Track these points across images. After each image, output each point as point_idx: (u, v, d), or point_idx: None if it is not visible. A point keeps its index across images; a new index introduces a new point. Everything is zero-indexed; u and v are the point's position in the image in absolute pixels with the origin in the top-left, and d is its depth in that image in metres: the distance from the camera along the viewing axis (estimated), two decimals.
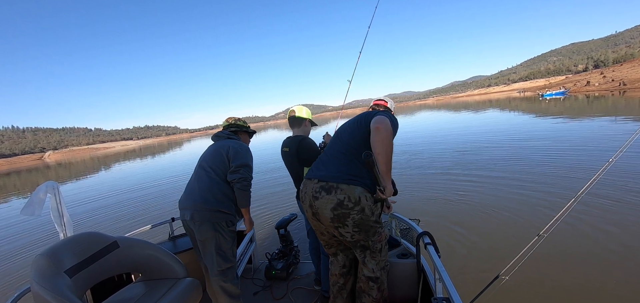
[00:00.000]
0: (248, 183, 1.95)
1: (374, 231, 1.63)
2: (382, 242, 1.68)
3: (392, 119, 1.66)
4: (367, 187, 1.56)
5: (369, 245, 1.65)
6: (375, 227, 1.63)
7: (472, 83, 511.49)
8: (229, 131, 2.16)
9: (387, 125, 1.52)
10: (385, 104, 2.05)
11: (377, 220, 1.65)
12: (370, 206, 1.57)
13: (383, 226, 1.71)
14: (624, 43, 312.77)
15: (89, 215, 7.64)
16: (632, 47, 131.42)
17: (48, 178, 24.67)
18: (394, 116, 1.80)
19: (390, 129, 1.52)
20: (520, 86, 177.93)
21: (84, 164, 37.75)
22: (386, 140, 1.49)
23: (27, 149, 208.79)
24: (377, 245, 1.67)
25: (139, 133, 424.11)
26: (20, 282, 4.27)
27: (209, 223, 1.83)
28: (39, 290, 1.34)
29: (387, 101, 2.07)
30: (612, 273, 2.79)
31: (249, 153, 2.05)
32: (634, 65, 57.43)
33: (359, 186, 1.54)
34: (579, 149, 7.63)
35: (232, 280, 1.93)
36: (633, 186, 4.66)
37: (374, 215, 1.61)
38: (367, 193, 1.55)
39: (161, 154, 33.11)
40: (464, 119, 21.53)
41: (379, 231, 1.66)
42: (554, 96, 41.10)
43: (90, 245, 1.68)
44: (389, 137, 1.51)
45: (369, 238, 1.63)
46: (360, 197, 1.52)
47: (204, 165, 1.99)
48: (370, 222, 1.59)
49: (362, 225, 1.57)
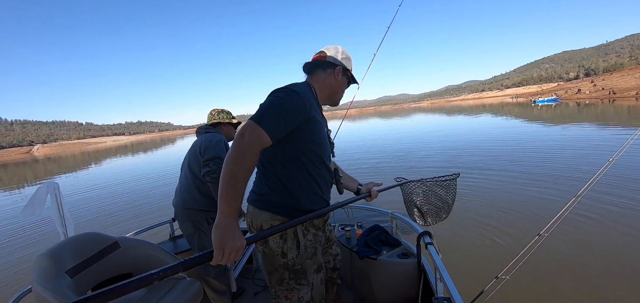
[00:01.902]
0: (217, 176, 1.81)
1: (278, 278, 1.18)
2: (292, 301, 1.19)
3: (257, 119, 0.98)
4: (280, 215, 1.14)
5: (272, 294, 1.24)
6: (282, 274, 1.17)
7: (466, 87, 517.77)
8: (207, 125, 2.10)
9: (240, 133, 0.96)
10: (324, 57, 1.30)
11: (291, 267, 1.16)
12: (278, 241, 1.15)
13: (309, 284, 1.21)
14: (614, 53, 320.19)
15: (89, 215, 7.50)
16: (622, 57, 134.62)
17: (36, 172, 24.22)
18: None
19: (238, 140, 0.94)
20: (513, 92, 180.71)
21: (74, 159, 37.09)
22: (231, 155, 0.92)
23: (15, 142, 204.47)
24: (282, 301, 1.20)
25: (131, 128, 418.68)
26: (21, 282, 4.18)
27: (189, 222, 1.87)
28: (40, 290, 1.33)
29: (326, 53, 1.31)
30: (612, 273, 2.82)
31: (221, 145, 1.93)
32: (624, 74, 58.81)
33: (265, 212, 1.15)
34: (578, 151, 7.81)
35: (216, 277, 1.94)
36: (633, 186, 4.76)
37: (287, 258, 1.16)
38: (275, 221, 1.13)
39: (155, 150, 32.73)
40: (460, 122, 21.77)
41: (290, 284, 1.17)
42: (546, 103, 41.88)
43: (91, 245, 1.66)
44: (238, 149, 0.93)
45: (272, 284, 1.21)
46: (262, 224, 1.15)
47: (184, 165, 2.01)
48: (275, 264, 1.17)
49: (265, 262, 1.20)
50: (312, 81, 1.29)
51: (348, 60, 1.34)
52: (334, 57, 1.30)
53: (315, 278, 1.24)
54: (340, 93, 1.37)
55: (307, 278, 1.20)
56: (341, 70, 1.31)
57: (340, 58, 1.31)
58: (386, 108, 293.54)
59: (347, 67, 1.33)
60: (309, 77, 1.32)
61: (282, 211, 1.14)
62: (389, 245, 2.09)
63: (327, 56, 1.30)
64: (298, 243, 1.17)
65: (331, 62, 1.29)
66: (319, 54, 1.32)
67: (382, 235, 2.16)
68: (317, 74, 1.30)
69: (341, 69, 1.31)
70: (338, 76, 1.30)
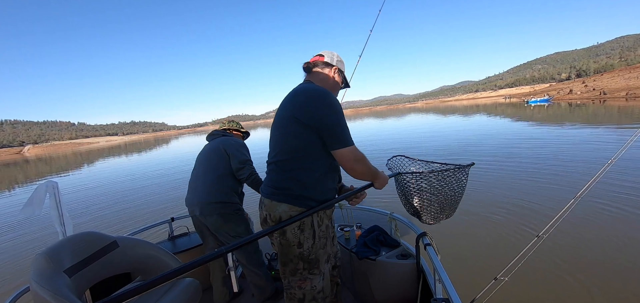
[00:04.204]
0: (255, 176, 2.08)
1: (292, 269, 1.26)
2: (305, 291, 1.26)
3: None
4: (298, 205, 1.22)
5: (285, 285, 1.31)
6: (296, 264, 1.25)
7: (460, 88, 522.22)
8: (222, 130, 2.32)
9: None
10: (322, 59, 1.44)
11: (306, 256, 1.25)
12: (296, 232, 1.22)
13: (321, 274, 1.30)
14: (605, 54, 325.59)
15: (89, 215, 7.39)
16: (612, 58, 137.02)
17: (27, 173, 23.78)
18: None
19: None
20: (506, 92, 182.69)
21: (67, 159, 36.50)
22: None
23: (5, 142, 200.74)
24: (296, 291, 1.27)
25: (125, 129, 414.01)
26: (20, 281, 4.11)
27: (217, 215, 1.98)
28: (38, 289, 1.31)
29: (324, 56, 1.44)
30: (612, 273, 2.83)
31: (244, 147, 2.20)
32: (614, 75, 59.91)
33: (283, 204, 1.22)
34: (576, 152, 7.85)
35: (256, 266, 2.16)
36: (632, 187, 4.79)
37: (303, 248, 1.23)
38: (294, 212, 1.21)
39: (149, 150, 32.37)
40: (455, 122, 21.89)
41: (303, 274, 1.26)
42: (539, 103, 42.43)
43: (90, 245, 1.65)
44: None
45: (286, 275, 1.29)
46: (281, 216, 1.22)
47: (204, 163, 2.13)
48: (291, 254, 1.24)
49: (281, 253, 1.27)
50: (312, 78, 1.43)
51: (342, 63, 1.50)
52: (330, 59, 1.45)
53: (326, 267, 1.35)
54: (336, 91, 1.50)
55: (320, 268, 1.30)
56: (337, 69, 1.46)
57: (335, 61, 1.46)
58: (381, 108, 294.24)
59: (342, 70, 1.49)
60: (308, 75, 1.45)
61: (300, 203, 1.22)
62: (388, 245, 2.09)
63: (325, 57, 1.45)
64: (314, 233, 1.26)
65: (328, 63, 1.44)
66: (318, 56, 1.47)
67: (381, 236, 2.16)
68: (316, 72, 1.44)
69: (337, 69, 1.46)
70: (335, 75, 1.45)
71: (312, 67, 1.44)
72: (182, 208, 6.62)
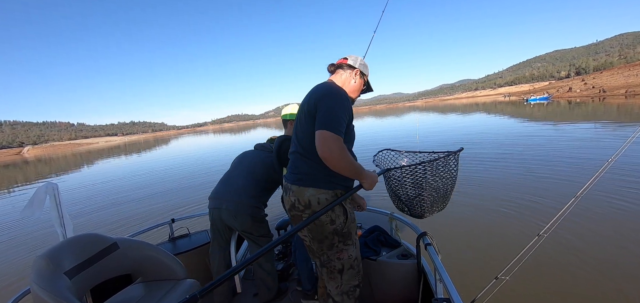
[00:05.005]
0: None
1: (329, 244, 1.40)
2: (343, 261, 1.43)
3: (337, 111, 1.30)
4: (324, 188, 1.35)
5: (324, 261, 1.45)
6: (332, 239, 1.40)
7: (460, 86, 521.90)
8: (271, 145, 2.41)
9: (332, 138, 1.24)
10: (345, 61, 1.57)
11: (340, 231, 1.40)
12: (328, 212, 1.34)
13: (353, 243, 1.46)
14: (604, 52, 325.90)
15: (89, 216, 7.38)
16: (612, 56, 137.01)
17: (26, 174, 23.76)
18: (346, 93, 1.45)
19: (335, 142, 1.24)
20: (506, 90, 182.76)
21: (66, 160, 36.48)
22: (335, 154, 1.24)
23: (5, 143, 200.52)
24: (336, 263, 1.43)
25: (125, 129, 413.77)
26: (21, 283, 4.11)
27: (248, 215, 2.07)
28: (39, 291, 1.31)
29: (348, 58, 1.57)
30: (612, 273, 2.83)
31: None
32: (613, 73, 59.94)
33: (310, 188, 1.36)
34: (576, 150, 7.87)
35: (266, 260, 2.23)
36: (633, 186, 4.80)
37: (335, 224, 1.38)
38: (321, 195, 1.35)
39: (148, 151, 32.34)
40: (456, 121, 21.95)
41: (339, 247, 1.42)
42: (538, 101, 42.43)
43: (90, 247, 1.64)
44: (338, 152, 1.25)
45: (323, 251, 1.43)
46: (309, 200, 1.35)
47: (249, 167, 2.23)
48: (325, 232, 1.38)
49: (315, 233, 1.39)
50: (335, 79, 1.55)
51: (365, 67, 1.61)
52: (353, 62, 1.56)
53: (356, 237, 1.50)
54: (357, 93, 1.61)
55: (352, 238, 1.46)
56: (359, 72, 1.56)
57: (358, 64, 1.57)
58: (381, 107, 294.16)
59: (364, 72, 1.59)
60: (332, 76, 1.58)
61: (325, 185, 1.35)
62: (389, 246, 2.09)
63: (348, 60, 1.57)
64: (345, 210, 1.40)
65: (351, 65, 1.55)
66: (343, 59, 1.58)
67: (382, 236, 2.16)
68: (338, 73, 1.57)
69: (359, 71, 1.56)
70: (356, 77, 1.56)
71: (337, 68, 1.57)
72: (182, 209, 6.71)
